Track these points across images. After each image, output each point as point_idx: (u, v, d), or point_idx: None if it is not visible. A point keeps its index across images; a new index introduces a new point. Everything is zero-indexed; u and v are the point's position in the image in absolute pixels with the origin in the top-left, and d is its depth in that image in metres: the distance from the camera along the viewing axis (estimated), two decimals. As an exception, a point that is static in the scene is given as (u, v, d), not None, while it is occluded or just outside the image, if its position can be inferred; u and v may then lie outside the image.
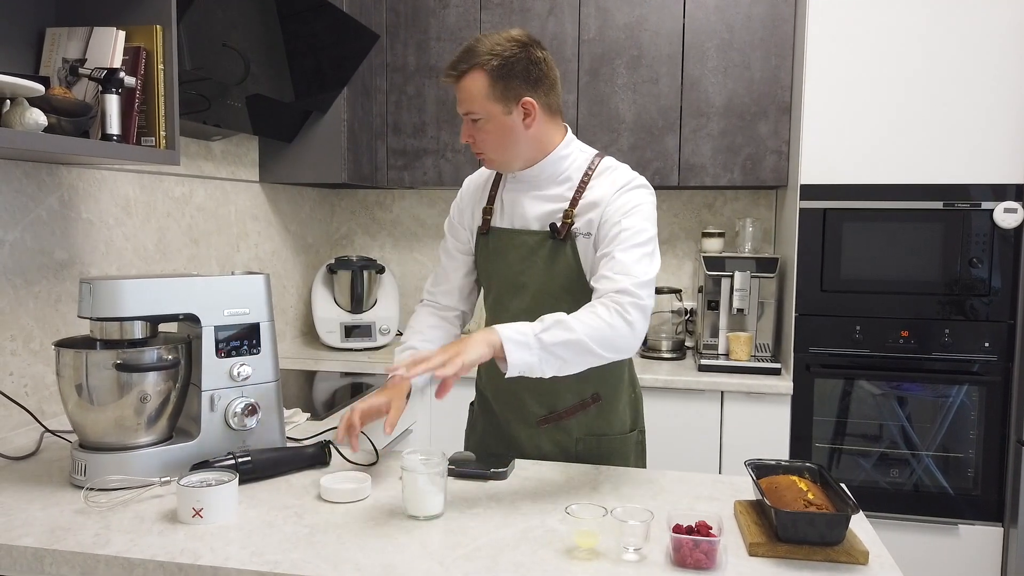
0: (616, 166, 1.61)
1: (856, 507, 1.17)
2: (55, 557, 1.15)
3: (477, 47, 1.51)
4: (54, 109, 1.45)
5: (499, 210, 1.66)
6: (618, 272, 1.45)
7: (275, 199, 2.93)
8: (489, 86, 1.50)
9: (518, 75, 1.51)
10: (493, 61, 1.49)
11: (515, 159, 1.58)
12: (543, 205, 1.60)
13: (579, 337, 1.35)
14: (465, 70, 1.51)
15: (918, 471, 2.53)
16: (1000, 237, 2.42)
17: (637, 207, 1.54)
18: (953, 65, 2.42)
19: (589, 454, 1.66)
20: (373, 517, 1.28)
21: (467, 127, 1.56)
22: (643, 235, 1.51)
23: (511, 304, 1.62)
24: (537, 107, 1.54)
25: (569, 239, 1.56)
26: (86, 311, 1.40)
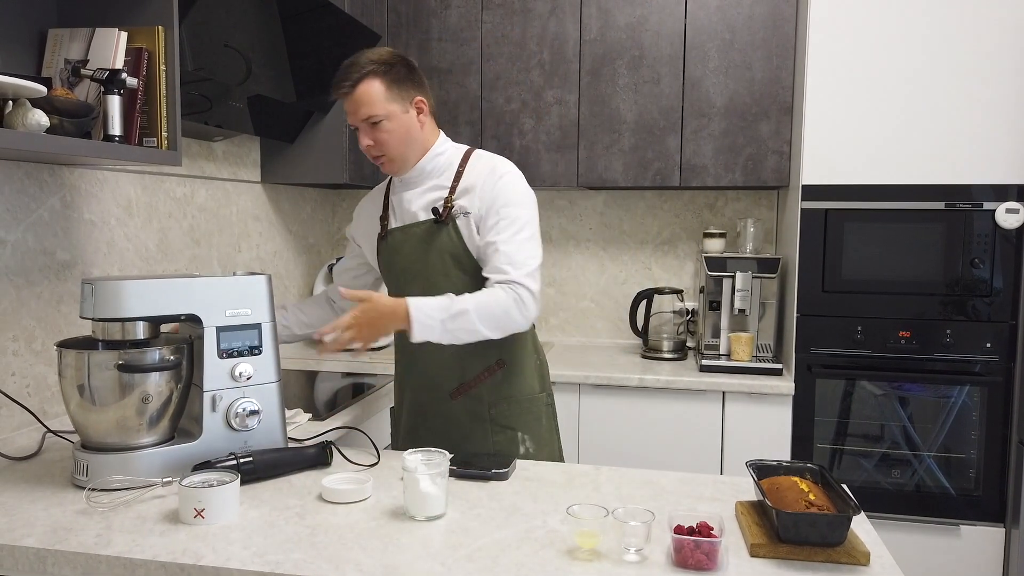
0: (486, 154, 1.81)
1: (857, 508, 1.17)
2: (57, 557, 1.15)
3: (360, 60, 1.68)
4: (56, 110, 1.45)
5: (392, 214, 1.84)
6: (506, 264, 1.66)
7: (276, 199, 2.93)
8: (386, 89, 1.68)
9: (405, 78, 1.71)
10: (382, 68, 1.68)
11: (411, 157, 1.76)
12: (425, 197, 1.77)
13: (477, 327, 1.61)
14: (359, 79, 1.67)
15: (919, 472, 2.53)
16: (1002, 237, 2.42)
17: (512, 194, 1.72)
18: (955, 65, 2.41)
19: (503, 417, 1.79)
20: (375, 518, 1.28)
21: (367, 133, 1.70)
22: (521, 221, 1.70)
23: (409, 290, 1.74)
24: (427, 105, 1.75)
25: (450, 220, 1.73)
26: (88, 312, 1.40)
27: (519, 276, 1.64)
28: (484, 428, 1.79)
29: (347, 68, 1.69)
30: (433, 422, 1.83)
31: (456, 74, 2.93)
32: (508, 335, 1.69)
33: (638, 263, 3.19)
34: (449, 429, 1.80)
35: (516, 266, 1.65)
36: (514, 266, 1.65)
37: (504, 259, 1.65)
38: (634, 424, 2.60)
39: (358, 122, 1.71)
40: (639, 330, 2.94)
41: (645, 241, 3.19)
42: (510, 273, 1.64)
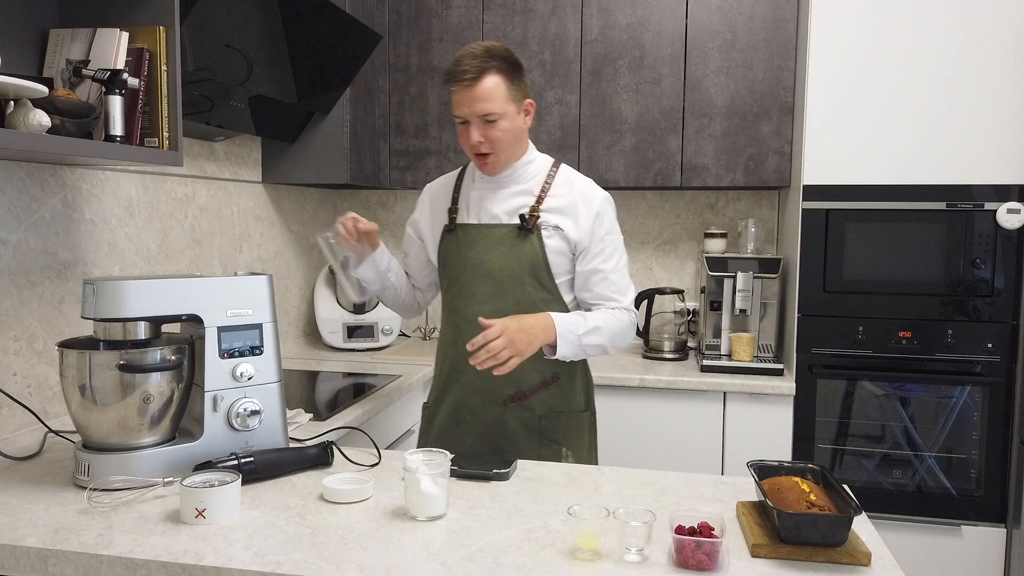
0: (578, 174, 1.82)
1: (858, 508, 1.17)
2: (58, 557, 1.15)
3: (480, 51, 1.64)
4: (57, 110, 1.45)
5: (464, 208, 1.82)
6: (616, 292, 1.76)
7: (278, 199, 2.93)
8: (507, 86, 1.66)
9: (521, 78, 1.70)
10: (505, 64, 1.66)
11: (512, 159, 1.76)
12: (510, 202, 1.77)
13: (604, 343, 1.71)
14: (482, 71, 1.63)
15: (921, 472, 2.53)
16: (1003, 238, 2.42)
17: (613, 221, 1.79)
18: (956, 65, 2.41)
19: (551, 430, 1.79)
20: (376, 518, 1.28)
21: (479, 129, 1.67)
22: (621, 248, 1.80)
23: (478, 290, 1.77)
24: (534, 109, 1.76)
25: (536, 230, 1.74)
26: (89, 312, 1.40)
27: (628, 304, 1.77)
28: (532, 439, 1.78)
29: (468, 58, 1.65)
30: (475, 425, 1.81)
31: (457, 74, 2.93)
32: None
33: (639, 263, 3.19)
34: (494, 434, 1.79)
35: (623, 294, 1.77)
36: (622, 294, 1.77)
37: (614, 288, 1.75)
38: (635, 424, 2.60)
39: (472, 116, 1.67)
40: (640, 330, 2.94)
41: (646, 241, 3.19)
42: (621, 301, 1.76)
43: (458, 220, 1.82)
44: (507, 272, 1.74)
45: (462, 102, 1.67)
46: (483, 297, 1.76)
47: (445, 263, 1.84)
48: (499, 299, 1.74)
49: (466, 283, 1.78)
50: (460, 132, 1.73)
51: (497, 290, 1.74)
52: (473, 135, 1.68)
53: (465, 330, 1.75)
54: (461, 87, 1.65)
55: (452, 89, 1.69)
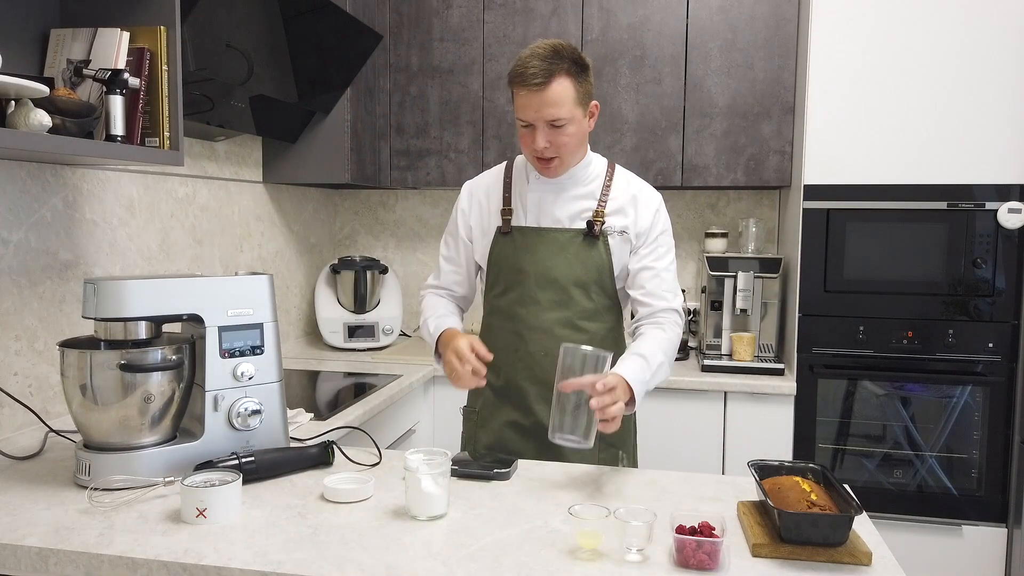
0: (632, 175, 1.78)
1: (859, 508, 1.17)
2: (59, 557, 1.15)
3: (549, 54, 1.56)
4: (58, 110, 1.45)
5: (520, 210, 1.74)
6: (667, 291, 1.71)
7: (278, 199, 2.93)
8: (575, 90, 1.58)
9: (588, 79, 1.63)
10: (575, 67, 1.58)
11: (576, 161, 1.71)
12: (572, 205, 1.72)
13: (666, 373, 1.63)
14: (553, 74, 1.55)
15: (922, 472, 2.53)
16: (1004, 237, 2.42)
17: (667, 222, 1.76)
18: (957, 65, 2.41)
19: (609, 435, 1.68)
20: (376, 517, 1.28)
21: (545, 134, 1.59)
22: (673, 249, 1.76)
23: (542, 296, 1.71)
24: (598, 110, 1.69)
25: (602, 236, 1.70)
26: (90, 311, 1.40)
27: (678, 304, 1.72)
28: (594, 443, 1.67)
29: (536, 59, 1.56)
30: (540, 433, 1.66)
31: (458, 74, 2.93)
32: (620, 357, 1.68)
33: (640, 263, 3.18)
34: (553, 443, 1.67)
35: (675, 293, 1.72)
36: (673, 293, 1.72)
37: (666, 286, 1.71)
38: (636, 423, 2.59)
39: (538, 120, 1.59)
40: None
41: (647, 241, 3.19)
42: (671, 301, 1.70)
43: (514, 223, 1.74)
44: (573, 279, 1.70)
45: (529, 106, 1.58)
46: (548, 304, 1.70)
47: (500, 267, 1.76)
48: (565, 306, 1.70)
49: (528, 289, 1.71)
50: (523, 135, 1.64)
51: (563, 297, 1.70)
52: (539, 140, 1.60)
53: (529, 338, 1.71)
54: (528, 90, 1.56)
55: (517, 91, 1.60)
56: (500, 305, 1.77)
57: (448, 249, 1.86)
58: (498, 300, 1.78)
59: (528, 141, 1.63)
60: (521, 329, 1.74)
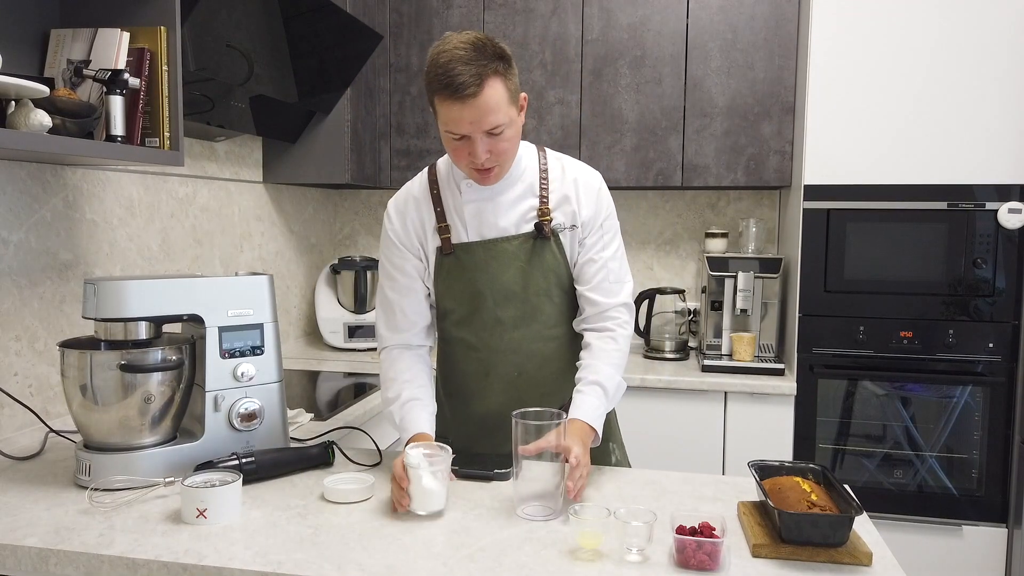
0: (565, 156, 1.62)
1: (859, 508, 1.17)
2: (59, 557, 1.15)
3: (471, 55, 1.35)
4: (59, 110, 1.45)
5: (459, 225, 1.56)
6: (615, 282, 1.58)
7: (279, 199, 2.93)
8: (507, 89, 1.40)
9: (514, 71, 1.44)
10: (502, 64, 1.39)
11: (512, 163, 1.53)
12: (513, 208, 1.55)
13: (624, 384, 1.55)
14: (483, 79, 1.35)
15: (922, 472, 2.53)
16: (1004, 237, 2.42)
17: (610, 205, 1.61)
18: (958, 65, 2.41)
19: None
20: (377, 517, 1.28)
21: (484, 144, 1.41)
22: (618, 236, 1.62)
23: (504, 315, 1.57)
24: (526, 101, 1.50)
25: (553, 235, 1.56)
26: (90, 312, 1.40)
27: (626, 296, 1.59)
28: None
29: (460, 65, 1.34)
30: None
31: (458, 74, 2.92)
32: None
33: (640, 263, 3.18)
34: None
35: (623, 284, 1.59)
36: (620, 284, 1.59)
37: (613, 277, 1.58)
38: (636, 424, 2.59)
39: (475, 131, 1.38)
40: (641, 330, 2.94)
41: (647, 241, 3.19)
42: (619, 294, 1.57)
43: (453, 240, 1.56)
44: (533, 289, 1.57)
45: (462, 119, 1.37)
46: (512, 322, 1.57)
47: (450, 291, 1.59)
48: (530, 320, 1.58)
49: (488, 310, 1.57)
50: (455, 148, 1.43)
51: (526, 310, 1.57)
52: (479, 153, 1.41)
53: (498, 361, 1.59)
54: (460, 102, 1.35)
55: (442, 103, 1.38)
56: (460, 334, 1.62)
57: (394, 281, 1.60)
58: (456, 329, 1.62)
59: (463, 154, 1.43)
60: (487, 356, 1.60)
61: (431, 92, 1.40)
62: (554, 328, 1.61)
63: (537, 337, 1.60)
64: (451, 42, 1.37)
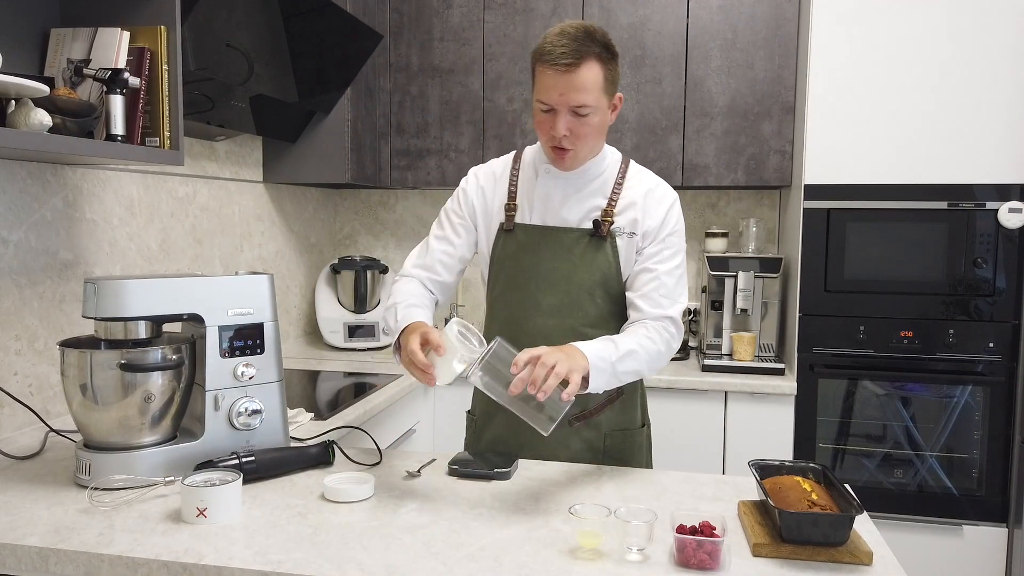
0: (647, 171, 1.67)
1: (860, 507, 1.17)
2: (59, 556, 1.15)
3: (581, 35, 1.45)
4: (59, 109, 1.45)
5: (526, 206, 1.63)
6: (664, 296, 1.56)
7: (279, 199, 2.93)
8: (604, 77, 1.47)
9: (617, 69, 1.52)
10: (607, 54, 1.47)
11: (592, 155, 1.59)
12: (581, 203, 1.61)
13: (640, 367, 1.48)
14: (583, 57, 1.44)
15: (922, 472, 2.52)
16: (1005, 237, 2.42)
17: (678, 223, 1.62)
18: (958, 64, 2.41)
19: (615, 449, 1.68)
20: (377, 517, 1.28)
21: (566, 120, 1.48)
22: (681, 254, 1.62)
23: (543, 300, 1.61)
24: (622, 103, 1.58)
25: (610, 237, 1.59)
26: (90, 311, 1.40)
27: (675, 312, 1.57)
28: (597, 459, 1.66)
29: (567, 38, 1.44)
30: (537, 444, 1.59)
31: (458, 74, 2.93)
32: None
33: (640, 263, 3.18)
34: (557, 454, 1.63)
35: (673, 300, 1.57)
36: (671, 300, 1.57)
37: (664, 291, 1.56)
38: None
39: (562, 105, 1.47)
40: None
41: (647, 241, 3.19)
42: (667, 308, 1.56)
43: (518, 219, 1.63)
44: (577, 283, 1.59)
45: (553, 87, 1.46)
46: (549, 309, 1.60)
47: (501, 267, 1.65)
48: (567, 312, 1.60)
49: (530, 292, 1.61)
50: (541, 120, 1.52)
51: (565, 302, 1.59)
52: (559, 127, 1.48)
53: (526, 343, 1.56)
54: (555, 71, 1.44)
55: (541, 70, 1.47)
56: (500, 308, 1.68)
57: (442, 229, 1.69)
58: (498, 303, 1.68)
59: (546, 127, 1.52)
60: (519, 335, 1.57)
61: (534, 59, 1.50)
62: (591, 328, 1.60)
63: (571, 331, 1.59)
64: (568, 22, 1.49)
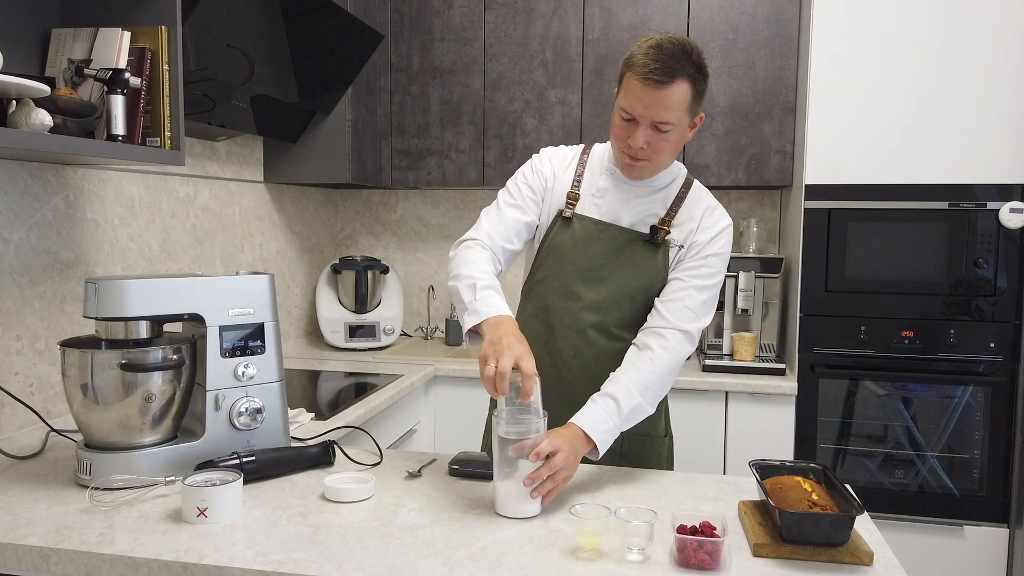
0: (708, 193, 1.66)
1: (860, 508, 1.17)
2: (60, 556, 1.15)
3: (679, 52, 1.45)
4: (60, 110, 1.45)
5: (588, 200, 1.62)
6: (689, 308, 1.55)
7: (279, 199, 2.93)
8: (691, 98, 1.48)
9: (705, 89, 1.53)
10: (700, 75, 1.48)
11: (664, 168, 1.60)
12: (640, 206, 1.61)
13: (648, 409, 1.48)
14: (676, 75, 1.44)
15: (923, 472, 2.52)
16: (1005, 237, 2.42)
17: (725, 246, 1.61)
18: (958, 64, 2.41)
19: (632, 453, 1.67)
20: (377, 517, 1.28)
21: (646, 133, 1.48)
22: (719, 276, 1.60)
23: (585, 294, 1.60)
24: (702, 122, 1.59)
25: (664, 246, 1.59)
26: (91, 311, 1.40)
27: (694, 328, 1.54)
28: (613, 461, 1.63)
29: (664, 56, 1.43)
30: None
31: (459, 74, 2.93)
32: None
33: (641, 263, 3.18)
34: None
35: (697, 316, 1.55)
36: (695, 315, 1.55)
37: (690, 303, 1.55)
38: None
39: (645, 118, 1.47)
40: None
41: (648, 241, 3.19)
42: (687, 323, 1.53)
43: (577, 210, 1.62)
44: (623, 283, 1.59)
45: (640, 100, 1.46)
46: (588, 303, 1.60)
47: (550, 252, 1.64)
48: (605, 310, 1.59)
49: (572, 282, 1.61)
50: (620, 127, 1.52)
51: (606, 300, 1.59)
52: (639, 139, 1.49)
53: (561, 334, 1.62)
54: (645, 84, 1.44)
55: (631, 80, 1.47)
56: (539, 293, 1.66)
57: (515, 198, 1.65)
58: (538, 287, 1.66)
59: (624, 135, 1.52)
60: (554, 323, 1.63)
61: (625, 67, 1.49)
62: (624, 330, 1.60)
63: (603, 328, 1.60)
64: (666, 36, 1.48)
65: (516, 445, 1.27)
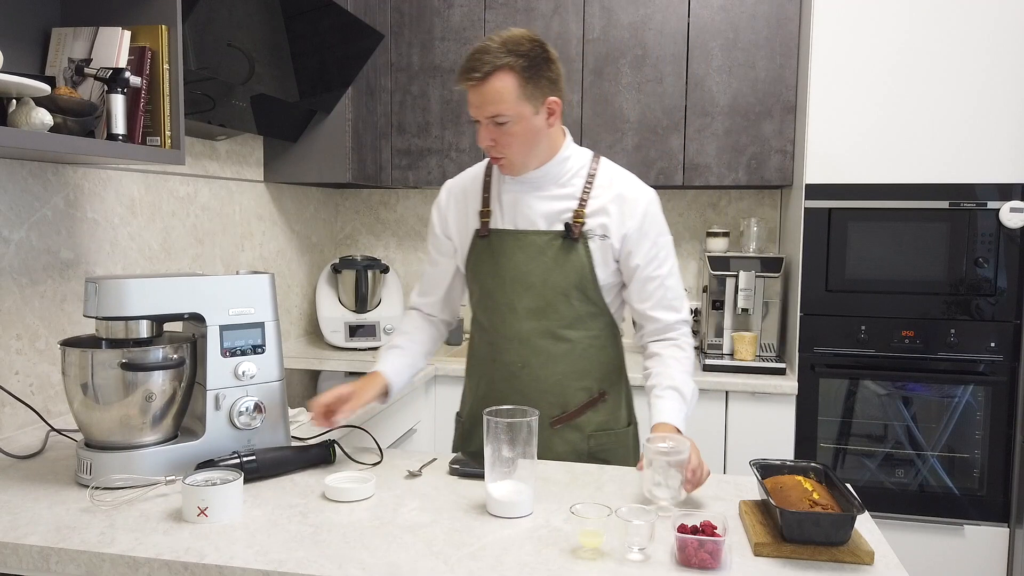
0: (620, 169, 1.68)
1: (861, 507, 1.17)
2: (60, 555, 1.15)
3: (496, 47, 1.49)
4: (60, 109, 1.45)
5: (498, 212, 1.66)
6: (675, 298, 1.65)
7: (280, 199, 2.93)
8: (519, 86, 1.50)
9: (542, 75, 1.53)
10: (521, 61, 1.50)
11: (534, 161, 1.60)
12: (549, 205, 1.62)
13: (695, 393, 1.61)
14: (491, 71, 1.49)
15: (923, 471, 2.52)
16: (1006, 237, 2.42)
17: (662, 222, 1.65)
18: (959, 63, 2.41)
19: (599, 450, 1.69)
20: (378, 516, 1.28)
21: (488, 130, 1.54)
22: (673, 252, 1.67)
23: (519, 304, 1.63)
24: (559, 106, 1.58)
25: (582, 239, 1.60)
26: (91, 310, 1.40)
27: (687, 313, 1.67)
28: (582, 460, 1.66)
29: (479, 54, 1.50)
30: None
31: (459, 73, 2.93)
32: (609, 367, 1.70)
33: (641, 262, 3.18)
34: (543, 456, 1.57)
35: (682, 301, 1.67)
36: (681, 300, 1.67)
37: (673, 294, 1.65)
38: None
39: (482, 117, 1.53)
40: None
41: (648, 240, 3.19)
42: (682, 311, 1.66)
43: (491, 225, 1.66)
44: (551, 285, 1.60)
45: (472, 102, 1.53)
46: (525, 312, 1.62)
47: (476, 273, 1.68)
48: (543, 315, 1.62)
49: (504, 297, 1.64)
50: (477, 131, 1.59)
51: (540, 304, 1.61)
52: (482, 136, 1.55)
53: (504, 347, 1.65)
54: (467, 85, 1.52)
55: (460, 86, 1.55)
56: (477, 313, 1.73)
57: (430, 252, 1.79)
58: (477, 309, 1.72)
59: (478, 138, 1.59)
60: (496, 339, 1.67)
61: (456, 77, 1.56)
62: (567, 330, 1.63)
63: (546, 333, 1.63)
64: (493, 34, 1.54)
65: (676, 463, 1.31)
